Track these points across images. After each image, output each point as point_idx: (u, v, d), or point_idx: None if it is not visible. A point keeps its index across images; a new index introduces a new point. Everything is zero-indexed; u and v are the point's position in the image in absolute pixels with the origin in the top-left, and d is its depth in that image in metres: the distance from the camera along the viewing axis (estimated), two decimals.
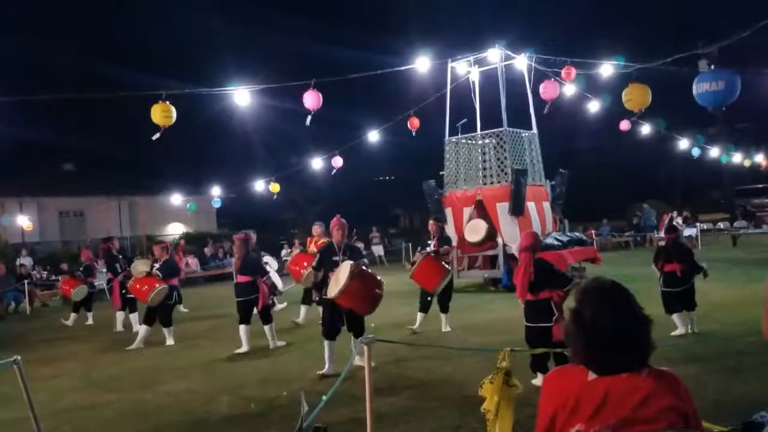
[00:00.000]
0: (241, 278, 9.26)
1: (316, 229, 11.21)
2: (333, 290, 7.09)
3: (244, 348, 9.00)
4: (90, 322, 13.30)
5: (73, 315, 13.26)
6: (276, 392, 6.68)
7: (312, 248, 11.00)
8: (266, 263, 11.34)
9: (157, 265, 10.37)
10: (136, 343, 10.01)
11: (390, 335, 7.56)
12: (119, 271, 11.93)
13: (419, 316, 9.74)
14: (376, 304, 7.24)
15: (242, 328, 9.09)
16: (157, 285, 9.98)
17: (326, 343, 7.40)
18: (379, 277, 7.40)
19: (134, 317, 11.59)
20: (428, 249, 9.79)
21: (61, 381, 8.00)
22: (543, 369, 5.91)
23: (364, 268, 7.32)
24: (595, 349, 1.95)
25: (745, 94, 8.21)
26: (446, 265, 9.77)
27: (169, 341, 10.09)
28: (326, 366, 7.29)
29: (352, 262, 7.24)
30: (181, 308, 13.84)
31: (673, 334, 8.15)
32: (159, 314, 10.06)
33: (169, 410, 6.37)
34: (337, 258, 7.56)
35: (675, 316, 8.25)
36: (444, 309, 9.68)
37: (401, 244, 28.16)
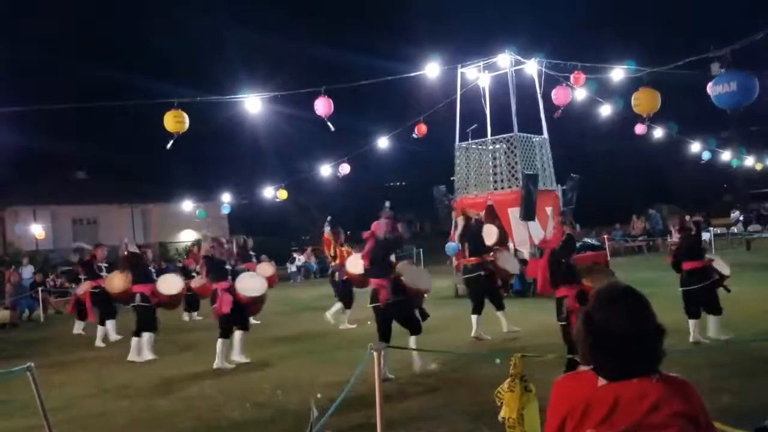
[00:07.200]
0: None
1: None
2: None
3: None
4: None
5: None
6: (286, 398, 6.69)
7: None
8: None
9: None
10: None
11: (400, 342, 7.54)
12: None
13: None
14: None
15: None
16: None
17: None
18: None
19: (111, 324, 11.61)
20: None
21: (74, 388, 8.03)
22: None
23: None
24: (600, 352, 1.94)
25: (758, 97, 8.13)
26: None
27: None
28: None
29: None
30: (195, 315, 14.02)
31: (691, 340, 7.94)
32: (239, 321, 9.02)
33: (181, 416, 6.40)
34: None
35: (691, 322, 7.97)
36: (498, 307, 9.72)
37: (412, 250, 28.11)
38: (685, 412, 1.85)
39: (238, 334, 8.70)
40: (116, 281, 10.18)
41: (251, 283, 9.06)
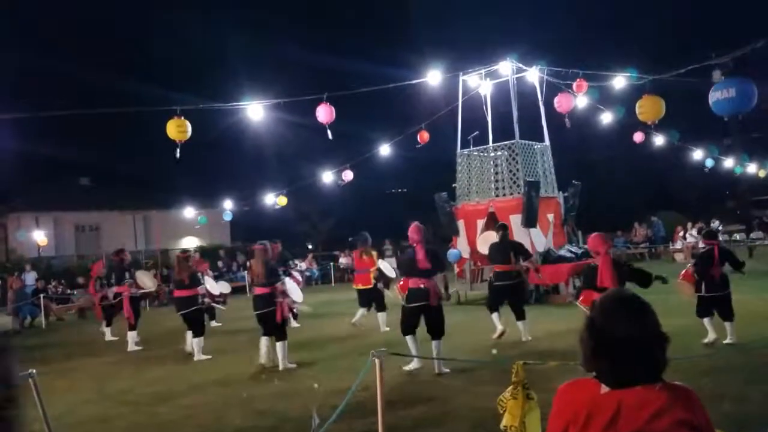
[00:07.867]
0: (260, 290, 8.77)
1: None
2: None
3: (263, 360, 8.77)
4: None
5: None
6: (288, 405, 6.68)
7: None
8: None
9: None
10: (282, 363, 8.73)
11: (402, 349, 7.54)
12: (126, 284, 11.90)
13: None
14: None
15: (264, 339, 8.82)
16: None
17: (408, 338, 7.86)
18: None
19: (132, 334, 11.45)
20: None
21: (76, 394, 8.03)
22: None
23: None
24: (601, 356, 1.95)
25: (760, 104, 8.14)
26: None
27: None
28: (412, 362, 7.77)
29: None
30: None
31: (704, 341, 8.06)
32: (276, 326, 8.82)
33: (182, 423, 6.39)
34: None
35: (706, 321, 8.14)
36: (519, 317, 9.70)
37: None
38: (687, 420, 1.85)
39: (279, 345, 8.62)
40: (148, 281, 10.62)
41: (297, 293, 9.37)
